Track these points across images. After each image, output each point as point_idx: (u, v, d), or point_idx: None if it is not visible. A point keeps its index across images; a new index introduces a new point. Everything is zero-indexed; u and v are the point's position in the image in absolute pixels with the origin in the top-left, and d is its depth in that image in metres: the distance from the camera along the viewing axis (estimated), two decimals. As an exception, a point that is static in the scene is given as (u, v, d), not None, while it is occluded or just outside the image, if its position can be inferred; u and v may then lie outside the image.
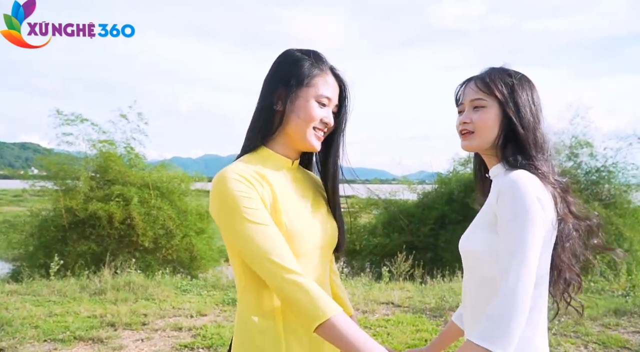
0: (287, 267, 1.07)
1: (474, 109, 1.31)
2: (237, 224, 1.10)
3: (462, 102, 1.35)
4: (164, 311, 5.04)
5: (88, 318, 4.75)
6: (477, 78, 1.33)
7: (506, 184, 1.16)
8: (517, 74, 1.31)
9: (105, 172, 9.38)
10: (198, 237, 9.93)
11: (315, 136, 1.24)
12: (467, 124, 1.31)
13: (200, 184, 11.01)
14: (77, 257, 8.44)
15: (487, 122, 1.28)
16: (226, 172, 1.15)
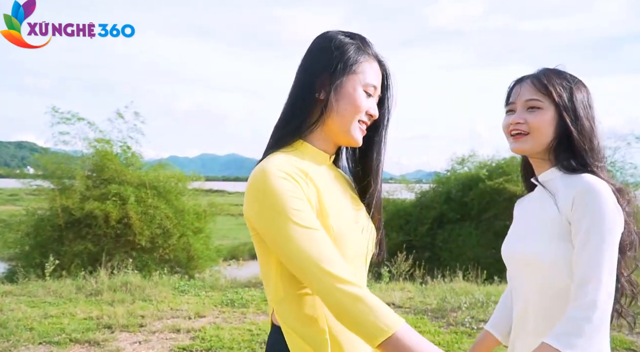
0: (342, 277, 0.94)
1: (528, 109, 1.26)
2: (283, 228, 0.96)
3: (514, 102, 1.28)
4: (162, 313, 4.96)
5: (84, 320, 4.66)
6: (534, 77, 1.27)
7: (584, 191, 1.14)
8: (574, 78, 1.27)
9: (102, 171, 9.33)
10: (195, 236, 9.92)
11: (360, 129, 1.10)
12: (520, 125, 1.25)
13: (198, 183, 11.00)
14: (74, 257, 8.40)
15: (543, 123, 1.23)
16: (268, 167, 0.99)
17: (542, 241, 1.20)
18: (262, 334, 4.35)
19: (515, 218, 1.40)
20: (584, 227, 1.12)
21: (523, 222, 1.32)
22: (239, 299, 5.57)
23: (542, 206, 1.25)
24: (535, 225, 1.25)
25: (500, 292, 5.91)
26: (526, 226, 1.28)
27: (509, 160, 11.81)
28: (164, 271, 7.55)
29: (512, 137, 1.28)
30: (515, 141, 1.27)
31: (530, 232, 1.25)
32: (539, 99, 1.24)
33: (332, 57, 1.08)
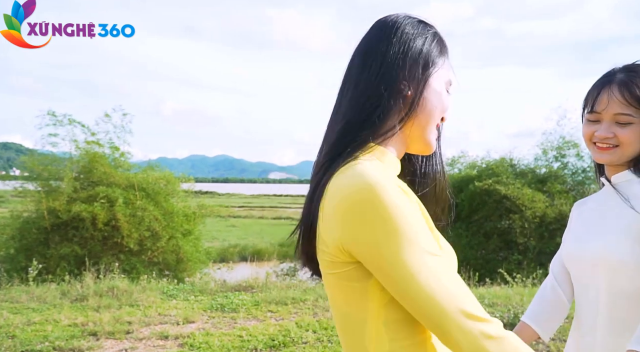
0: (485, 319, 0.74)
1: (616, 122, 1.21)
2: (409, 256, 0.72)
3: (600, 112, 1.22)
4: (149, 318, 4.83)
5: (68, 327, 4.53)
6: (623, 86, 1.20)
7: None
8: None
9: (90, 173, 9.24)
10: (185, 238, 9.83)
11: (435, 134, 0.91)
12: (609, 139, 1.21)
13: (187, 184, 10.90)
14: (60, 260, 8.29)
15: (636, 138, 1.20)
16: (377, 179, 0.75)
17: (619, 241, 1.18)
18: (252, 340, 4.25)
19: (578, 220, 1.37)
20: None
21: (593, 223, 1.29)
22: (229, 304, 5.46)
23: (614, 207, 1.23)
24: (610, 226, 1.22)
25: (492, 295, 5.86)
26: (598, 227, 1.25)
27: (499, 161, 11.84)
28: (152, 274, 7.43)
29: (597, 148, 1.24)
30: (601, 153, 1.24)
31: (605, 233, 1.22)
32: (630, 113, 1.19)
33: (423, 46, 0.87)
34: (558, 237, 10.14)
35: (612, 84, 1.20)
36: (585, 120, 1.26)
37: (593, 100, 1.23)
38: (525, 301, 5.46)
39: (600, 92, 1.21)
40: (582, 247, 1.26)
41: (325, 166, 0.82)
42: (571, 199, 10.55)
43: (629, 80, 1.19)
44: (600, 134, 1.21)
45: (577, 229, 1.34)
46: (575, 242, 1.31)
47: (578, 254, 1.28)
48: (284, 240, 18.77)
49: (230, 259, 17.07)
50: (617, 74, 1.22)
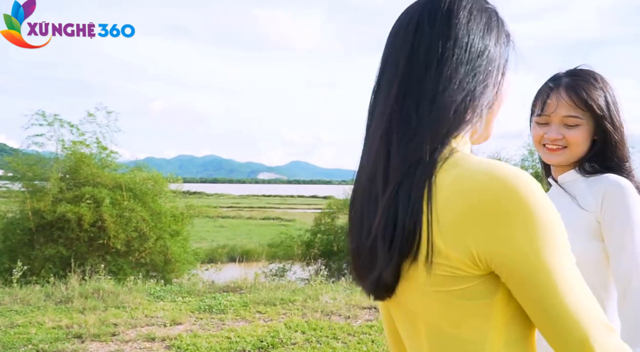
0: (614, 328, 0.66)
1: (565, 125, 1.24)
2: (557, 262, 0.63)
3: (549, 115, 1.25)
4: (136, 320, 4.76)
5: (53, 329, 4.44)
6: (570, 89, 1.23)
7: (614, 190, 1.17)
8: (603, 80, 1.25)
9: (76, 174, 9.16)
10: (172, 239, 9.78)
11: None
12: (558, 140, 1.25)
13: (175, 185, 10.83)
14: (45, 261, 8.22)
15: (582, 138, 1.24)
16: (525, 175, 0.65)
17: (577, 240, 1.16)
18: (240, 342, 4.21)
19: None
20: (618, 226, 1.14)
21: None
22: (217, 305, 5.41)
23: (564, 207, 1.21)
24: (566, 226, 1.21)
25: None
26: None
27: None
28: (139, 275, 7.36)
29: (547, 150, 1.27)
30: (551, 154, 1.27)
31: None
32: (578, 115, 1.22)
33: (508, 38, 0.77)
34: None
35: (559, 88, 1.24)
36: (534, 123, 1.30)
37: (542, 104, 1.26)
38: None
39: (549, 96, 1.25)
40: None
41: (416, 161, 0.66)
42: (557, 199, 10.68)
43: (575, 84, 1.23)
44: (550, 135, 1.24)
45: None
46: None
47: None
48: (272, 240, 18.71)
49: (218, 260, 16.96)
50: (562, 78, 1.27)
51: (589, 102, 1.21)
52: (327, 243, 11.80)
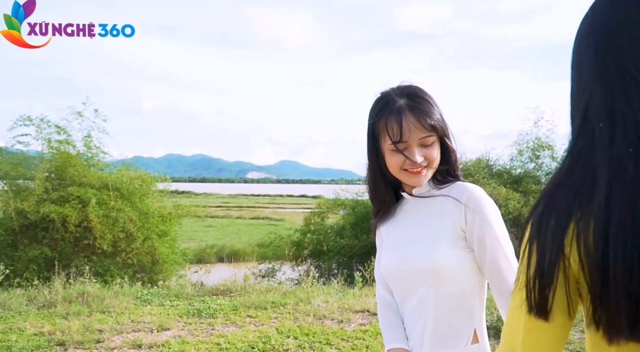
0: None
1: (422, 145, 1.26)
2: None
3: (407, 141, 1.25)
4: (122, 326, 4.60)
5: (34, 336, 4.27)
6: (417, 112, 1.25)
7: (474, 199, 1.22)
8: (431, 96, 1.30)
9: (62, 173, 8.95)
10: (160, 239, 9.66)
11: None
12: (422, 162, 1.26)
13: (163, 184, 10.67)
14: (29, 263, 8.03)
15: (437, 155, 1.28)
16: None
17: (436, 248, 1.23)
18: (231, 348, 4.07)
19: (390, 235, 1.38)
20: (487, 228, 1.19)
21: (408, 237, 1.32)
22: (206, 309, 5.26)
23: (426, 217, 1.29)
24: (426, 236, 1.27)
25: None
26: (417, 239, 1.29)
27: (475, 162, 11.95)
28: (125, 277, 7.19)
29: (410, 174, 1.27)
30: (416, 176, 1.27)
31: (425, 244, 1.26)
32: (431, 134, 1.26)
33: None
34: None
35: (405, 113, 1.25)
36: (389, 151, 1.28)
37: (399, 131, 1.25)
38: (507, 303, 5.42)
39: (401, 123, 1.24)
40: (406, 259, 1.29)
41: None
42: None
43: (418, 106, 1.25)
44: (414, 160, 1.25)
45: (394, 242, 1.36)
46: (395, 255, 1.33)
47: (401, 266, 1.30)
48: (262, 240, 18.55)
49: (207, 260, 16.79)
50: (399, 101, 1.27)
51: (434, 123, 1.25)
52: (316, 243, 11.70)
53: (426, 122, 1.24)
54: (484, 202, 1.22)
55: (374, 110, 1.30)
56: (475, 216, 1.20)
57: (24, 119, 8.77)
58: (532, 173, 11.42)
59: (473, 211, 1.21)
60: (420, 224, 1.30)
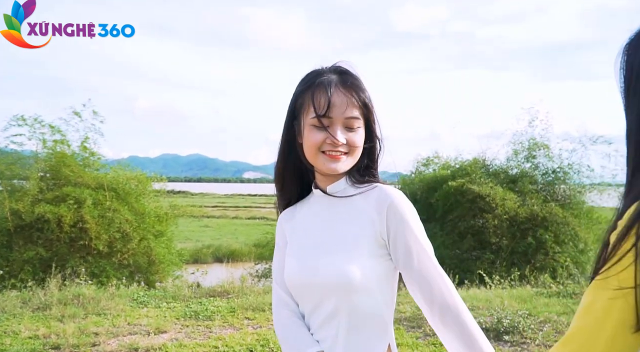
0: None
1: (346, 127, 1.11)
2: None
3: (331, 117, 1.10)
4: (118, 329, 4.53)
5: (29, 339, 4.20)
6: (349, 88, 1.11)
7: (396, 204, 1.10)
8: (360, 74, 1.16)
9: (57, 173, 8.88)
10: (157, 240, 9.62)
11: None
12: (343, 146, 1.11)
13: (159, 184, 10.62)
14: (24, 264, 7.96)
15: (361, 143, 1.14)
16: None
17: (357, 260, 1.09)
18: (229, 351, 4.02)
19: (294, 236, 1.21)
20: (412, 244, 1.09)
21: (317, 241, 1.16)
22: (204, 311, 5.20)
23: (335, 221, 1.15)
24: (338, 243, 1.13)
25: (473, 298, 5.77)
26: (326, 245, 1.14)
27: (472, 161, 11.95)
28: (122, 278, 7.14)
29: (328, 157, 1.11)
30: (332, 161, 1.11)
31: (336, 251, 1.12)
32: (358, 117, 1.12)
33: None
34: (529, 237, 10.25)
35: (336, 85, 1.11)
36: (309, 127, 1.11)
37: (326, 104, 1.09)
38: (506, 305, 5.39)
39: (330, 95, 1.09)
40: (315, 268, 1.12)
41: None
42: (541, 199, 10.69)
43: (352, 83, 1.12)
44: (336, 138, 1.09)
45: (300, 248, 1.19)
46: (301, 264, 1.15)
47: (308, 278, 1.13)
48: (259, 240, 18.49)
49: (204, 261, 16.73)
50: (331, 74, 1.14)
51: (364, 100, 1.12)
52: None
53: (357, 99, 1.11)
54: (407, 209, 1.11)
55: (301, 83, 1.16)
56: (399, 225, 1.09)
57: (17, 119, 8.71)
58: (529, 173, 11.44)
59: (396, 218, 1.09)
60: (332, 229, 1.15)
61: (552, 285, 6.85)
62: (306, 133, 1.11)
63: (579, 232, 10.32)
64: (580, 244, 10.37)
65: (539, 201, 10.65)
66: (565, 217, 10.34)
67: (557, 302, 5.60)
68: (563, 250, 10.30)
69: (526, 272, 8.53)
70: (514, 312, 4.96)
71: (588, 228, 10.57)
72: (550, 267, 9.96)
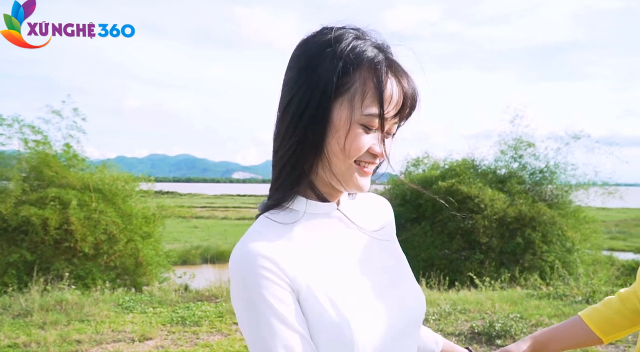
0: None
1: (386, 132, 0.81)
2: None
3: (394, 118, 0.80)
4: (101, 336, 4.40)
5: (8, 348, 4.05)
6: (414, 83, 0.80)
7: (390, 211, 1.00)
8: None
9: (41, 174, 8.68)
10: (144, 241, 9.48)
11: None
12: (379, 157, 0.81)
13: (147, 185, 10.48)
14: (8, 267, 7.75)
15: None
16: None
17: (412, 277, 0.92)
18: (216, 359, 3.93)
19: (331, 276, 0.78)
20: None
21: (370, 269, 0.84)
22: (191, 316, 5.09)
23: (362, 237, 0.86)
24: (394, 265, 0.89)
25: (464, 301, 5.72)
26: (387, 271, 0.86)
27: (461, 162, 12.00)
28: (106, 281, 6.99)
29: (362, 170, 0.80)
30: (365, 178, 0.81)
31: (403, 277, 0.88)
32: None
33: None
34: (518, 237, 10.28)
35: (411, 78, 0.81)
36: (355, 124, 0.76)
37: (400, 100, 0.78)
38: (497, 308, 5.35)
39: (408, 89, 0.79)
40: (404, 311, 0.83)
41: None
42: (530, 199, 10.74)
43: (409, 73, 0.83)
44: (381, 151, 0.79)
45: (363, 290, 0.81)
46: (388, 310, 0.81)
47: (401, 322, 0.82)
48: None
49: (192, 262, 16.56)
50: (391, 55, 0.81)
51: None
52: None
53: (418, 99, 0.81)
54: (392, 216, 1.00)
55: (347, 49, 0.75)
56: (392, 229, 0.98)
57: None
58: (517, 173, 11.50)
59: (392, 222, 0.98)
60: (373, 252, 0.86)
61: (542, 286, 6.83)
62: (351, 135, 0.75)
63: (566, 232, 10.40)
64: (568, 243, 10.45)
65: (528, 201, 10.70)
66: (553, 216, 10.42)
67: (547, 304, 5.57)
68: (551, 249, 10.36)
69: (516, 273, 8.53)
70: (506, 315, 4.92)
71: (575, 227, 10.66)
72: (538, 266, 10.00)
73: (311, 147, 0.77)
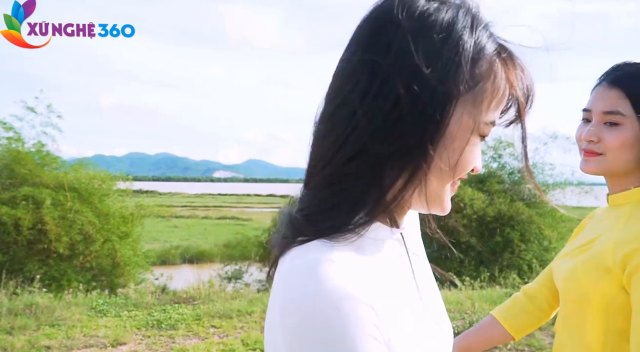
0: None
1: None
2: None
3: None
4: (72, 341, 4.25)
5: (-27, 355, 3.90)
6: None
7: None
8: None
9: (13, 172, 8.45)
10: (121, 241, 9.30)
11: None
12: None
13: (125, 184, 10.28)
14: (-23, 268, 7.49)
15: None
16: None
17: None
18: (192, 364, 3.83)
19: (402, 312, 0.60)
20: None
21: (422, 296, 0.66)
22: (167, 319, 4.96)
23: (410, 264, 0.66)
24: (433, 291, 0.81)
25: (454, 300, 5.72)
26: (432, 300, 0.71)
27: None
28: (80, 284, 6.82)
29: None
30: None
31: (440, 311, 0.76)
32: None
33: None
34: (497, 236, 10.38)
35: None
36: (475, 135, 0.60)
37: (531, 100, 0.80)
38: (477, 307, 5.36)
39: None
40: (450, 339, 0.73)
41: None
42: (509, 199, 10.87)
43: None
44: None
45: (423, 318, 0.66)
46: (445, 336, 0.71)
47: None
48: (228, 241, 18.19)
49: (171, 262, 16.34)
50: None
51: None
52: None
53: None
54: None
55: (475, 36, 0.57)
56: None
57: None
58: (496, 173, 11.64)
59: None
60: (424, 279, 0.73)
61: (520, 285, 6.89)
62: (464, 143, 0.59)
63: (544, 231, 10.56)
64: (545, 241, 10.62)
65: (506, 200, 10.82)
66: (531, 215, 10.56)
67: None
68: (528, 248, 10.49)
69: (495, 272, 8.59)
70: (485, 315, 4.92)
71: (552, 226, 10.83)
72: (516, 265, 10.12)
73: (408, 160, 0.56)
